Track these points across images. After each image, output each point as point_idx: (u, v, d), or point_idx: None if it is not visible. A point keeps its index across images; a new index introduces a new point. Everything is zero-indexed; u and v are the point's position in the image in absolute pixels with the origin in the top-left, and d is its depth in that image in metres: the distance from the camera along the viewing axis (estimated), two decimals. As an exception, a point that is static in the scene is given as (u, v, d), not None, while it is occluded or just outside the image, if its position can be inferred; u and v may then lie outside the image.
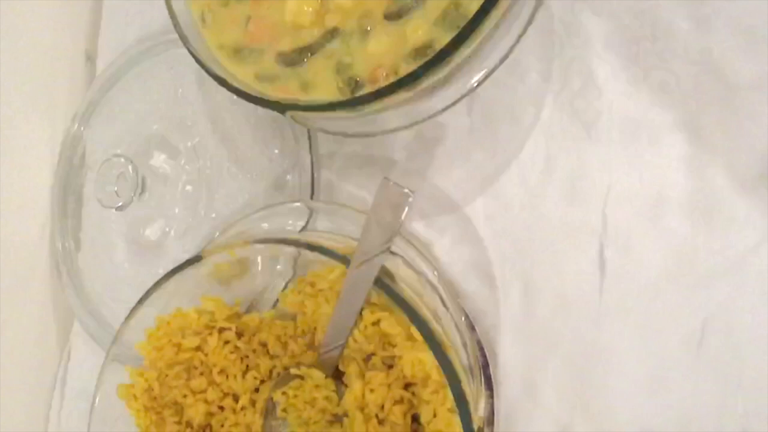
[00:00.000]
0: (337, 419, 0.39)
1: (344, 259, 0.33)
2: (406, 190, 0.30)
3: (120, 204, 0.45)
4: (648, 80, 0.35)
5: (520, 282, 0.38)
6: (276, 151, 0.46)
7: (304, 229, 0.38)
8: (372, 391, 0.33)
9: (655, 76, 0.35)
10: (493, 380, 0.37)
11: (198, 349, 0.40)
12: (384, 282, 0.33)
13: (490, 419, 0.37)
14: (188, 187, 0.48)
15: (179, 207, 0.48)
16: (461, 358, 0.33)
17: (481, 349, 0.37)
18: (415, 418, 0.35)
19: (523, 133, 0.38)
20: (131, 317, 0.40)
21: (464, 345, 0.34)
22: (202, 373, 0.41)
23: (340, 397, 0.38)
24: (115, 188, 0.46)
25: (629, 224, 0.35)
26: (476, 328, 0.38)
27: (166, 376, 0.40)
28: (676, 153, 0.35)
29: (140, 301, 0.40)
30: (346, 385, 0.37)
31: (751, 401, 0.33)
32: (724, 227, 0.34)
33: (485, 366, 0.37)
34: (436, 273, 0.34)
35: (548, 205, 0.37)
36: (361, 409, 0.34)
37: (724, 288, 0.34)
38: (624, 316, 0.35)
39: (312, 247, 0.34)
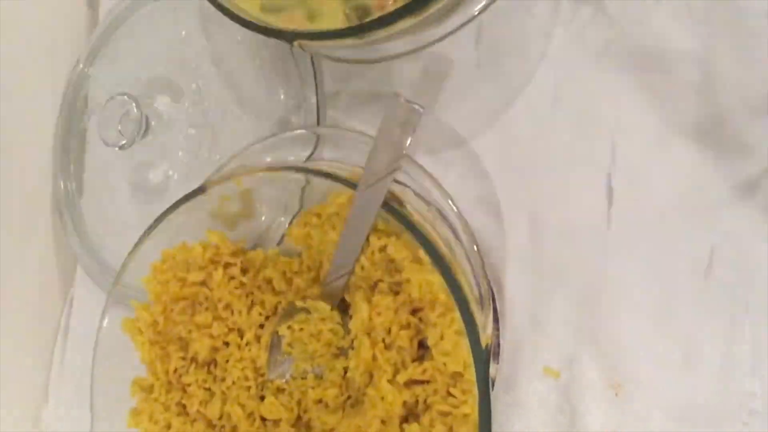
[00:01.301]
0: (342, 352, 0.38)
1: (351, 184, 0.33)
2: (416, 106, 0.30)
3: (123, 143, 0.45)
4: (659, 8, 0.35)
5: (526, 215, 0.38)
6: (281, 91, 0.45)
7: (309, 159, 0.38)
8: (379, 314, 0.33)
9: (666, 4, 0.35)
10: (499, 313, 0.37)
11: (203, 284, 0.40)
12: (392, 206, 0.33)
13: (496, 351, 0.37)
14: (192, 130, 0.48)
15: (182, 150, 0.48)
16: (471, 287, 0.33)
17: (488, 282, 0.37)
18: (422, 344, 0.35)
19: (531, 66, 0.38)
20: (136, 250, 0.40)
21: (475, 276, 0.34)
22: (207, 309, 0.40)
23: (346, 330, 0.38)
24: (119, 127, 0.45)
25: (638, 153, 0.35)
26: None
27: (171, 310, 0.40)
28: (686, 81, 0.34)
29: (145, 234, 0.40)
30: (351, 317, 0.37)
31: (758, 327, 0.33)
32: (734, 154, 0.33)
33: (493, 299, 0.37)
34: (450, 202, 0.33)
35: (556, 138, 0.37)
36: (368, 334, 0.34)
37: (733, 215, 0.33)
38: (631, 245, 0.35)
39: (318, 173, 0.34)
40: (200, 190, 0.38)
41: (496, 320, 0.37)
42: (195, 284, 0.40)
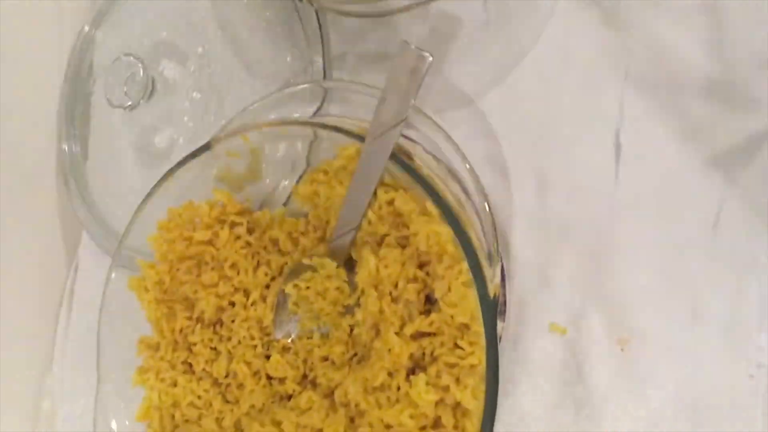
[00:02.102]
0: (348, 311, 0.39)
1: (359, 137, 0.33)
2: (426, 53, 0.30)
3: (128, 104, 0.45)
4: (669, -37, 0.35)
5: (534, 174, 0.38)
6: (287, 54, 0.45)
7: (315, 115, 0.38)
8: (386, 267, 0.33)
9: (675, -41, 0.35)
10: (506, 272, 0.37)
11: (209, 243, 0.40)
12: (400, 158, 0.33)
13: (503, 310, 0.37)
14: (197, 95, 0.48)
15: (188, 115, 0.48)
16: (481, 242, 0.33)
17: (497, 241, 0.37)
18: (428, 299, 0.35)
19: (539, 24, 0.38)
20: (143, 208, 0.40)
21: (485, 234, 0.34)
22: (213, 268, 0.40)
23: (352, 288, 0.38)
24: (125, 89, 0.45)
25: (646, 109, 0.35)
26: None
27: (177, 270, 0.40)
28: (696, 35, 0.34)
29: (151, 192, 0.40)
30: (357, 274, 0.37)
31: (766, 282, 0.33)
32: (743, 108, 0.33)
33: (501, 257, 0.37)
34: (460, 157, 0.33)
35: (564, 96, 0.37)
36: (375, 287, 0.34)
37: (742, 170, 0.33)
38: (639, 201, 0.35)
39: (325, 126, 0.33)
40: (206, 147, 0.38)
41: (502, 278, 0.37)
42: (201, 243, 0.40)
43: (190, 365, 0.41)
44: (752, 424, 0.32)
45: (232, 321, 0.41)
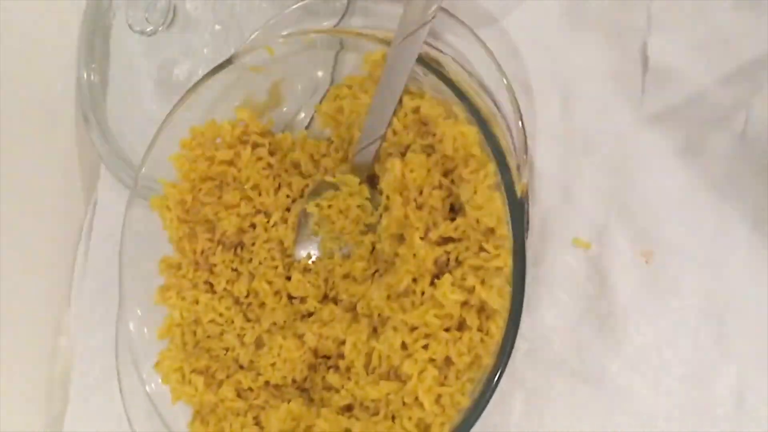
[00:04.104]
0: (370, 229, 0.38)
1: (386, 42, 0.33)
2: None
3: (149, 29, 0.45)
4: None
5: (558, 90, 0.37)
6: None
7: (337, 25, 0.37)
8: (411, 171, 0.33)
9: None
10: (529, 188, 0.37)
11: (231, 163, 0.40)
12: (427, 62, 0.32)
13: (526, 226, 0.37)
14: (218, 26, 0.48)
15: (208, 47, 0.48)
16: (510, 150, 0.33)
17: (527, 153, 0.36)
18: (452, 208, 0.35)
19: (564, -60, 0.38)
20: (164, 127, 0.40)
21: (515, 148, 0.34)
22: (234, 189, 0.40)
23: (374, 206, 0.38)
24: (146, 14, 0.45)
25: (674, 18, 0.35)
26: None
27: (199, 190, 0.40)
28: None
29: (173, 110, 0.40)
30: (380, 193, 0.37)
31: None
32: (773, 15, 0.33)
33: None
34: (495, 65, 0.33)
35: (590, 9, 0.37)
36: (400, 193, 0.34)
37: (770, 77, 0.33)
38: (665, 113, 0.35)
39: (350, 33, 0.33)
40: (229, 62, 0.38)
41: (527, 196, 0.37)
42: (223, 163, 0.40)
43: (211, 285, 0.41)
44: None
45: (253, 244, 0.41)
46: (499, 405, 0.37)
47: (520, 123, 0.34)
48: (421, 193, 0.34)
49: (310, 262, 0.40)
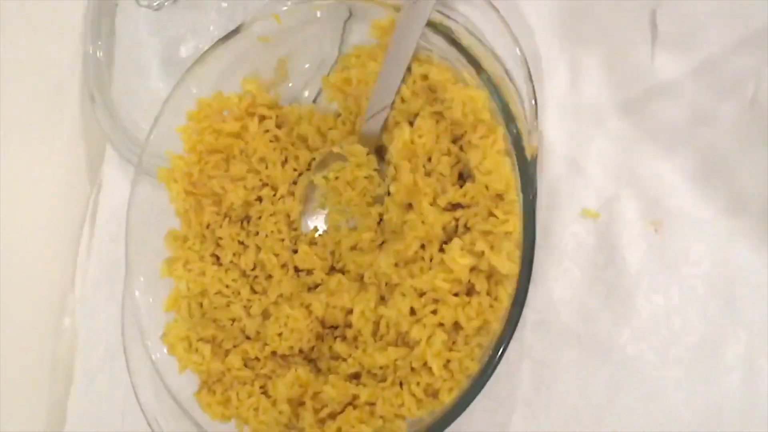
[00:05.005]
0: (378, 201, 0.38)
1: (394, 8, 0.33)
2: None
3: (156, 3, 0.45)
4: None
5: (567, 61, 0.37)
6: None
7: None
8: (420, 137, 0.33)
9: None
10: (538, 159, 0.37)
11: (238, 136, 0.40)
12: (436, 27, 0.32)
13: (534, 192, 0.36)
14: (224, 4, 0.48)
15: (213, 24, 0.48)
16: (520, 114, 0.33)
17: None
18: (461, 176, 0.35)
19: None
20: (171, 99, 0.40)
21: (526, 118, 0.33)
22: (241, 161, 0.40)
23: (382, 177, 0.38)
24: (152, -11, 0.45)
25: (684, -12, 0.35)
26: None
27: (206, 163, 0.40)
28: None
29: (182, 79, 0.40)
30: (388, 164, 0.37)
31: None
32: (782, -18, 0.33)
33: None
34: (507, 32, 0.32)
35: (599, -20, 0.37)
36: (409, 159, 0.33)
37: (780, 45, 0.33)
38: (675, 82, 0.35)
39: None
40: (236, 31, 0.38)
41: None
42: (230, 135, 0.40)
43: (218, 258, 0.41)
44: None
45: (259, 217, 0.41)
46: (507, 376, 0.37)
47: (531, 89, 0.34)
48: (429, 160, 0.34)
49: (316, 235, 0.40)
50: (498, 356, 0.30)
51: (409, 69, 0.34)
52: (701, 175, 0.34)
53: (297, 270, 0.39)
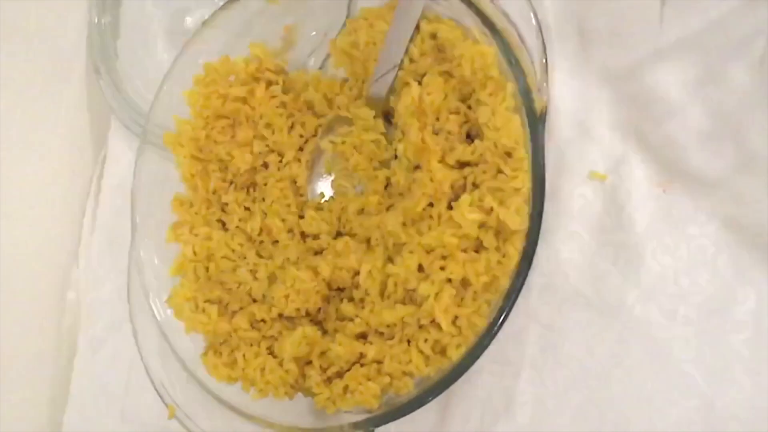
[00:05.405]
0: (384, 165, 0.38)
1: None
2: None
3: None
4: None
5: (576, 24, 0.37)
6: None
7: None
8: (429, 94, 0.33)
9: None
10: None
11: (244, 101, 0.40)
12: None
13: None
14: (230, -27, 0.47)
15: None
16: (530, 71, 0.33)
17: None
18: (469, 136, 0.35)
19: None
20: (177, 63, 0.40)
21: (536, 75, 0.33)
22: (248, 127, 0.40)
23: (388, 141, 0.38)
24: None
25: (693, -53, 0.34)
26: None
27: (212, 128, 0.40)
28: None
29: (187, 44, 0.39)
30: (395, 127, 0.37)
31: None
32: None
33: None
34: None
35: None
36: (417, 118, 0.33)
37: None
38: (684, 44, 0.35)
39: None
40: (243, -5, 0.38)
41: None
42: (237, 100, 0.40)
43: (224, 223, 0.41)
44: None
45: (265, 184, 0.41)
46: (514, 340, 0.36)
47: (541, 44, 0.34)
48: (438, 119, 0.34)
49: (322, 201, 0.40)
50: (506, 313, 0.30)
51: (417, 28, 0.34)
52: (710, 135, 0.34)
53: (303, 235, 0.39)
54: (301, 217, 0.40)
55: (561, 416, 0.35)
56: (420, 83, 0.35)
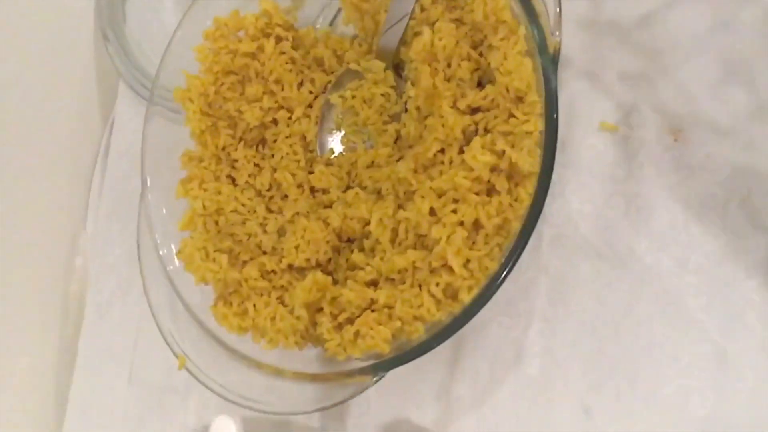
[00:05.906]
0: (394, 119, 0.38)
1: None
2: None
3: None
4: None
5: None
6: None
7: None
8: (441, 39, 0.33)
9: None
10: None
11: (254, 57, 0.40)
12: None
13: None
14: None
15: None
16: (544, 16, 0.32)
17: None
18: (480, 84, 0.34)
19: None
20: (186, 19, 0.40)
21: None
22: (257, 83, 0.40)
23: (398, 94, 0.38)
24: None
25: None
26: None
27: (222, 84, 0.40)
28: None
29: (194, 4, 0.39)
30: (405, 80, 0.37)
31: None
32: None
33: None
34: None
35: None
36: (429, 63, 0.33)
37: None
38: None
39: None
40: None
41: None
42: (246, 56, 0.40)
43: (233, 179, 0.41)
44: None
45: (275, 140, 0.41)
46: (524, 292, 0.37)
47: (557, 9, 0.33)
48: (449, 65, 0.33)
49: (332, 156, 0.40)
50: (518, 252, 0.30)
51: (429, -26, 0.34)
52: (721, 82, 0.34)
53: (313, 190, 0.39)
54: (311, 172, 0.40)
55: (571, 367, 0.35)
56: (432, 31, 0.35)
